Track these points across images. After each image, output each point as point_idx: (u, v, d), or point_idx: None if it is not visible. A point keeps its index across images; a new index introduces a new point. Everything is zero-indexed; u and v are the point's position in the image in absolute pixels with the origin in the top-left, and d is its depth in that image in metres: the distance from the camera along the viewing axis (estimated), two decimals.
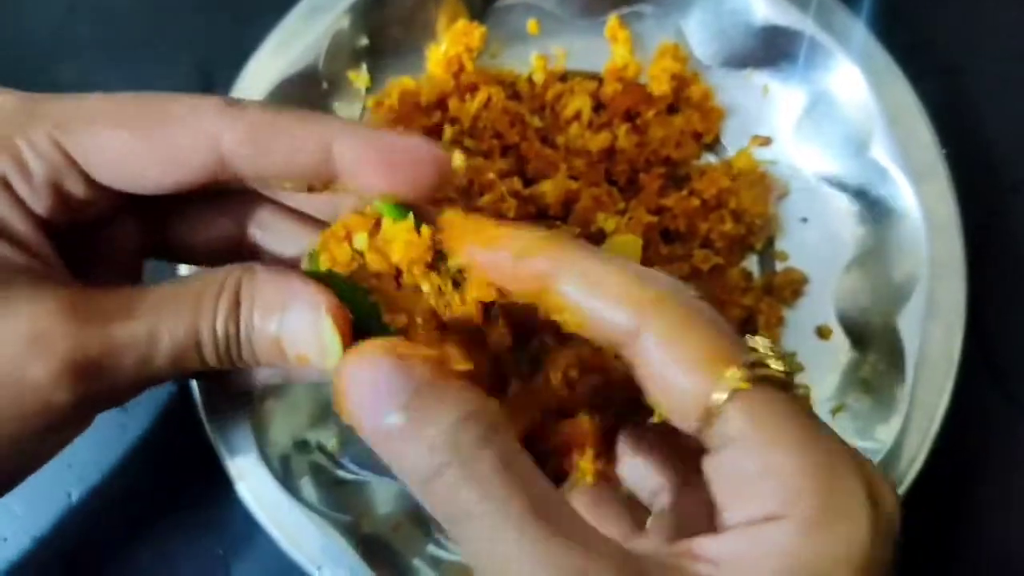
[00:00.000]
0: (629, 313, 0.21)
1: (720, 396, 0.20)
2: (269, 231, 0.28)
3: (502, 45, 0.43)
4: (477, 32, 0.41)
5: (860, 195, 0.40)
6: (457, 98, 0.41)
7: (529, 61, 0.43)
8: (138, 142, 0.24)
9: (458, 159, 0.24)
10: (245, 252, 0.29)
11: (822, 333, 0.40)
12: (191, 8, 0.46)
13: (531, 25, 0.43)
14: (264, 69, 0.39)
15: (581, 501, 0.26)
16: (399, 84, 0.41)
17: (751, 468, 0.20)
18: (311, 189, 0.25)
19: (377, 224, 0.24)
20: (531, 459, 0.20)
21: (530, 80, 0.43)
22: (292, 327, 0.23)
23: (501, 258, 0.22)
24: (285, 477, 0.35)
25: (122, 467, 0.40)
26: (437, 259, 0.24)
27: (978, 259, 0.39)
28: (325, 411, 0.39)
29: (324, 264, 0.24)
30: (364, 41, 0.41)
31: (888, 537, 0.20)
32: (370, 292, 0.24)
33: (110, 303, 0.23)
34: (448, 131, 0.41)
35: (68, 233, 0.26)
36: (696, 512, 0.22)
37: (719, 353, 0.20)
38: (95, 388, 0.23)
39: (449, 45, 0.41)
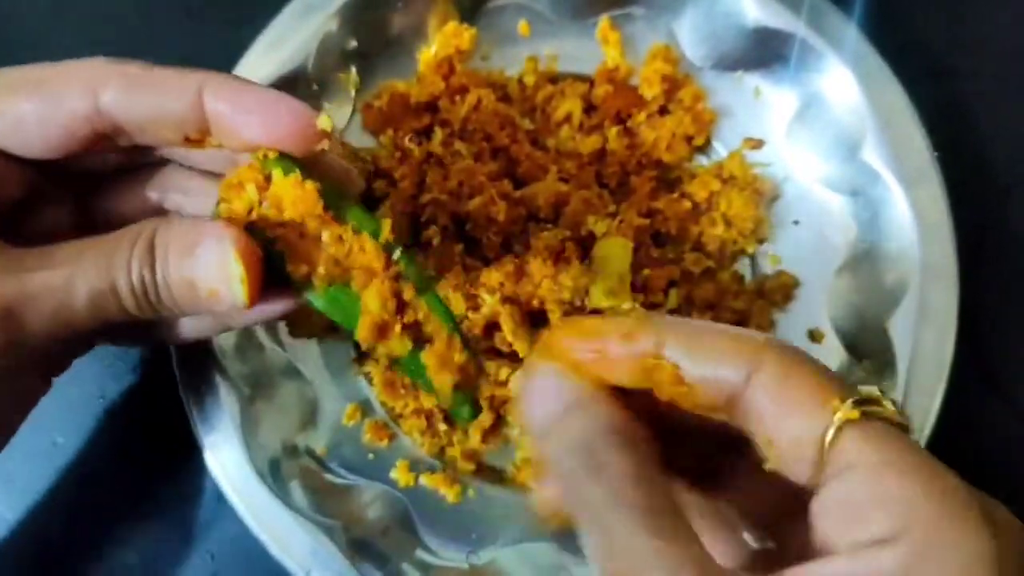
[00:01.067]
0: (738, 365, 0.22)
1: (833, 431, 0.20)
2: (186, 194, 0.30)
3: (492, 47, 0.43)
4: (467, 34, 0.41)
5: (852, 198, 0.40)
6: (447, 100, 0.41)
7: (520, 63, 0.43)
8: (27, 103, 0.25)
9: (324, 120, 0.25)
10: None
11: (814, 337, 0.40)
12: (180, 10, 0.46)
13: (522, 27, 0.43)
14: (254, 71, 0.39)
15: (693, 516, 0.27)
16: (389, 86, 0.41)
17: (863, 494, 0.20)
18: (189, 141, 0.26)
19: (268, 178, 0.25)
20: (664, 478, 0.22)
21: (520, 82, 0.43)
22: (202, 263, 0.25)
23: (610, 346, 0.23)
24: (274, 482, 0.35)
25: (110, 471, 0.40)
26: (341, 212, 0.26)
27: (971, 262, 0.39)
28: (313, 415, 0.39)
29: (223, 214, 0.26)
30: (353, 43, 0.41)
31: (1010, 565, 0.19)
32: (273, 241, 0.25)
33: (31, 257, 0.25)
34: (438, 133, 0.41)
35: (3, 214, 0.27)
36: (802, 550, 0.22)
37: (830, 392, 0.21)
38: (15, 335, 0.24)
39: (439, 47, 0.41)
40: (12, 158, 0.27)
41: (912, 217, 0.38)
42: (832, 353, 0.40)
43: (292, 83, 0.39)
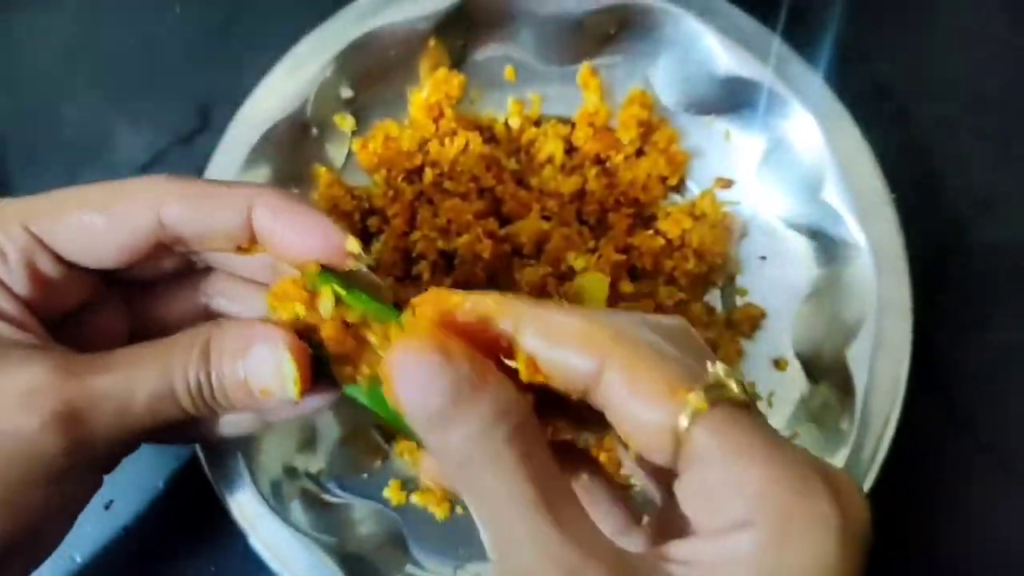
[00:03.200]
0: (589, 356, 0.22)
1: (684, 421, 0.21)
2: (232, 299, 0.32)
3: (480, 91, 0.45)
4: (456, 80, 0.43)
5: (815, 236, 0.43)
6: (437, 142, 0.43)
7: (506, 106, 0.45)
8: (94, 216, 0.27)
9: (352, 244, 0.27)
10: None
11: (779, 365, 0.43)
12: (185, 54, 0.48)
13: (508, 72, 0.45)
14: (257, 113, 0.41)
15: (580, 493, 0.28)
16: (383, 128, 0.43)
17: (717, 481, 0.21)
18: (240, 249, 0.29)
19: (311, 288, 0.27)
20: (551, 455, 0.22)
21: (506, 124, 0.45)
22: (255, 364, 0.27)
23: (468, 323, 0.24)
24: (275, 501, 0.38)
25: (121, 490, 0.42)
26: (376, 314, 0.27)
27: (929, 294, 0.41)
28: (312, 438, 0.41)
29: (273, 319, 0.27)
30: (348, 89, 0.43)
31: (857, 544, 0.20)
32: (318, 344, 0.27)
33: (92, 362, 0.27)
34: (429, 173, 0.43)
35: (59, 319, 0.29)
36: (678, 521, 0.23)
37: (678, 382, 0.21)
38: (80, 435, 0.26)
39: (430, 92, 0.43)
40: (77, 268, 0.29)
41: (869, 252, 0.40)
42: (795, 380, 0.42)
43: (293, 125, 0.41)
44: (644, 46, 0.44)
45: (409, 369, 0.22)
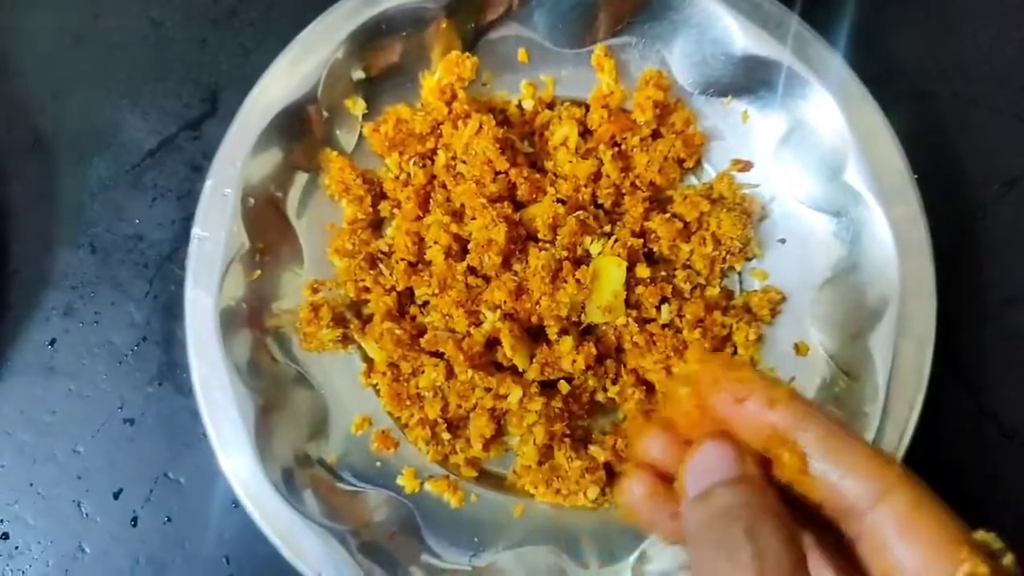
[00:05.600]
0: (869, 484, 0.22)
1: None
2: None
3: (493, 74, 0.44)
4: (469, 63, 0.43)
5: (835, 218, 0.42)
6: (450, 125, 0.42)
7: (519, 89, 0.44)
8: None
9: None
10: None
11: (799, 350, 0.42)
12: (194, 41, 0.47)
13: (521, 54, 0.44)
14: (267, 98, 0.40)
15: None
16: (395, 112, 0.43)
17: None
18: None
19: None
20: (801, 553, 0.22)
21: (520, 107, 0.44)
22: None
23: (750, 402, 0.23)
24: (288, 490, 0.37)
25: (130, 480, 0.42)
26: None
27: (949, 276, 0.40)
28: (324, 426, 0.40)
29: None
30: (359, 71, 0.42)
31: None
32: None
33: None
34: (442, 156, 0.42)
35: None
36: None
37: (958, 535, 0.21)
38: None
39: (442, 75, 0.43)
40: None
41: (891, 235, 0.39)
42: (817, 364, 0.41)
43: (303, 109, 0.41)
44: (660, 27, 0.43)
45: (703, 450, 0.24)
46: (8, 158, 0.45)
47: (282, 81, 0.41)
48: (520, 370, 0.40)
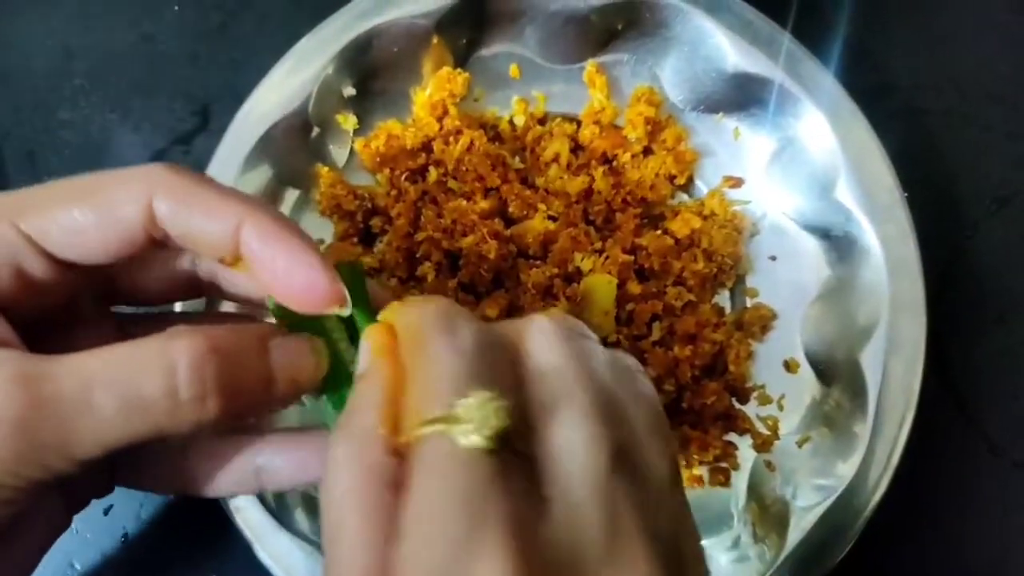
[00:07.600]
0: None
1: None
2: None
3: (485, 89, 0.44)
4: (460, 78, 0.43)
5: (826, 235, 0.42)
6: (441, 141, 0.42)
7: (510, 105, 0.44)
8: (83, 210, 0.25)
9: (340, 296, 0.25)
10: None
11: (790, 367, 0.42)
12: (184, 55, 0.47)
13: (513, 70, 0.44)
14: (258, 112, 0.40)
15: None
16: (386, 127, 0.43)
17: None
18: (222, 261, 0.27)
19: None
20: None
21: (511, 123, 0.44)
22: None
23: None
24: (279, 508, 0.37)
25: (121, 496, 0.41)
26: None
27: (940, 294, 0.40)
28: None
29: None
30: (350, 87, 0.42)
31: None
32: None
33: (50, 364, 0.23)
34: (433, 172, 0.42)
35: (44, 331, 0.27)
36: None
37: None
38: (31, 445, 0.23)
39: (433, 90, 0.43)
40: (59, 264, 0.26)
41: (882, 252, 0.39)
42: (807, 382, 0.42)
43: (294, 124, 0.41)
44: (652, 43, 0.44)
45: None
46: None
47: (273, 96, 0.41)
48: None
